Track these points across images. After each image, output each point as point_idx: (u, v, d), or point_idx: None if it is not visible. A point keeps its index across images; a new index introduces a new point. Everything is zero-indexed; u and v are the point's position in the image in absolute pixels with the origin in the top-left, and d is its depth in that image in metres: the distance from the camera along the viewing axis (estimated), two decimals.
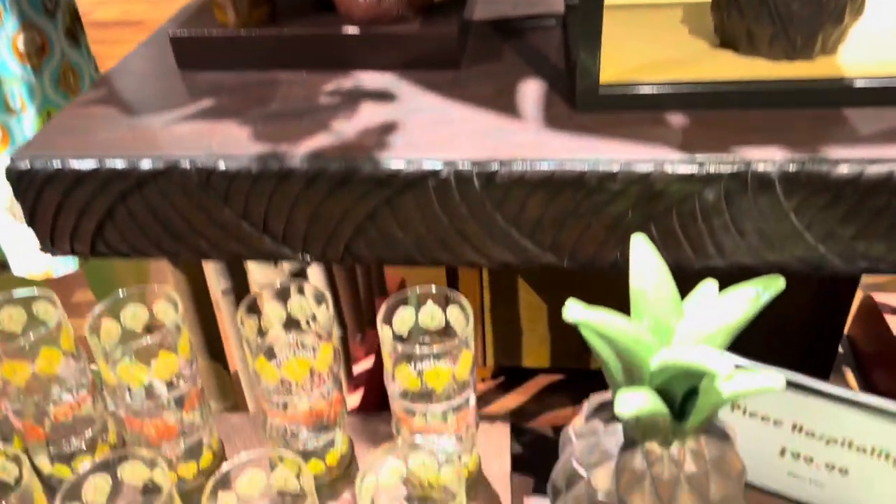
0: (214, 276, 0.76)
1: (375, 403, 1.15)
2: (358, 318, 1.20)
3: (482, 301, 1.31)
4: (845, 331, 1.30)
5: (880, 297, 1.29)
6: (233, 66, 0.61)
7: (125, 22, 2.95)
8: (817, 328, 1.23)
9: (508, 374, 1.40)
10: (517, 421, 0.68)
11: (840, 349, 1.33)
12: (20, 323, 0.55)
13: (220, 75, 0.61)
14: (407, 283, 1.56)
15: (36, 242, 0.81)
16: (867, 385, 1.27)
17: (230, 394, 0.86)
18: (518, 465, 0.57)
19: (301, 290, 0.52)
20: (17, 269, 0.88)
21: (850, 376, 1.29)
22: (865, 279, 1.51)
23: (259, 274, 0.81)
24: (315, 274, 1.00)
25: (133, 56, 0.66)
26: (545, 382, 1.39)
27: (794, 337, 1.24)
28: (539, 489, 0.60)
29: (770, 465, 0.54)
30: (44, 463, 0.56)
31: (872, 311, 1.29)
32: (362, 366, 1.21)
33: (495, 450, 0.53)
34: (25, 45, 0.73)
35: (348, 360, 1.16)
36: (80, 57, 0.80)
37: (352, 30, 0.59)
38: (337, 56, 0.60)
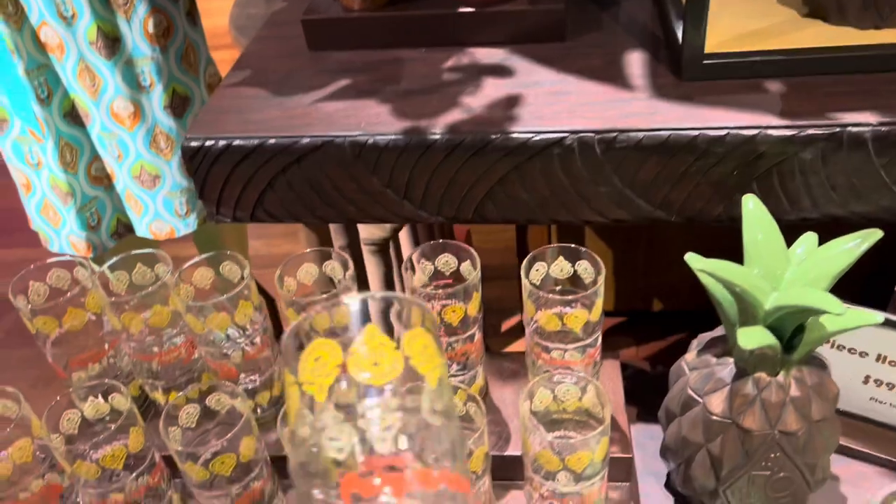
0: (334, 234, 0.84)
1: None
2: None
3: None
4: None
5: None
6: (358, 45, 0.68)
7: None
8: (876, 264, 1.28)
9: None
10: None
11: None
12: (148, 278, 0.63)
13: (347, 54, 0.67)
14: (472, 236, 1.64)
15: (163, 207, 0.90)
16: None
17: None
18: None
19: (444, 249, 0.59)
20: (140, 230, 0.97)
21: None
22: None
23: (366, 232, 0.89)
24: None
25: (259, 39, 0.73)
26: (609, 325, 1.47)
27: (854, 274, 1.29)
28: (641, 417, 0.68)
29: (855, 392, 0.61)
30: (157, 395, 0.65)
31: None
32: None
33: (610, 383, 0.60)
34: (154, 28, 0.80)
35: None
36: (198, 36, 0.87)
37: (466, 9, 0.65)
38: (452, 34, 0.66)
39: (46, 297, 0.60)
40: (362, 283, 0.92)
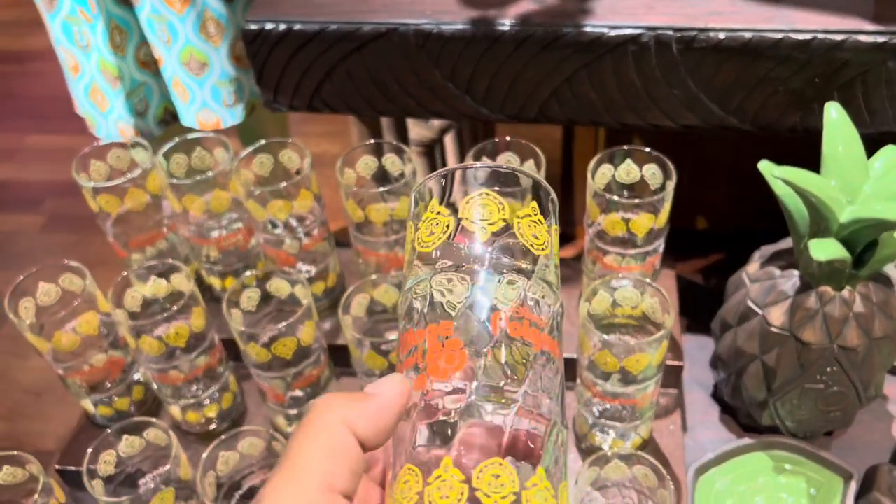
0: (385, 132, 0.83)
1: None
2: None
3: None
4: None
5: None
6: None
7: None
8: None
9: None
10: None
11: None
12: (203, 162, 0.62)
13: None
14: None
15: (210, 96, 0.89)
16: None
17: None
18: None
19: (506, 147, 0.58)
20: (186, 119, 0.96)
21: None
22: None
23: (414, 132, 0.87)
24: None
25: None
26: None
27: None
28: (689, 328, 0.67)
29: None
30: (213, 279, 0.66)
31: None
32: None
33: (666, 291, 0.60)
34: None
35: None
36: None
37: None
38: None
39: (107, 176, 0.60)
40: None
